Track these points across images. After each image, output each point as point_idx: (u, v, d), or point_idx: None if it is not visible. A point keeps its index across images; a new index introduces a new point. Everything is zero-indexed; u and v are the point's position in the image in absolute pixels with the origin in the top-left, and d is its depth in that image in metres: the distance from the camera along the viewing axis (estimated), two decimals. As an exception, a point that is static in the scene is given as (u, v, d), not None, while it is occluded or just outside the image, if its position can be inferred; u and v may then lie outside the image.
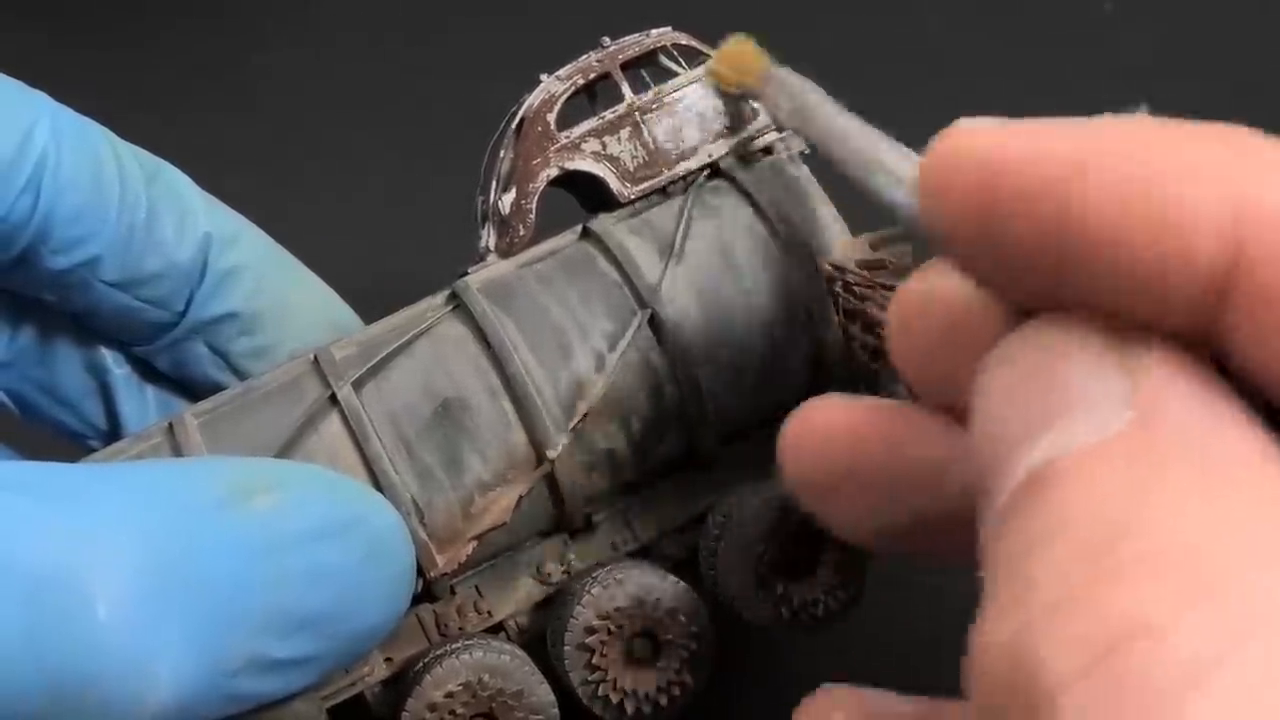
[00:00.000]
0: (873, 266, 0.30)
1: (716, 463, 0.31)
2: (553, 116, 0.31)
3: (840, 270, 0.30)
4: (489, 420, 0.29)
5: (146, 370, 0.35)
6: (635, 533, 0.31)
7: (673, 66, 0.32)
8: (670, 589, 0.29)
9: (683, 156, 0.32)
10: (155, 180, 0.33)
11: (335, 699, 0.29)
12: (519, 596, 0.30)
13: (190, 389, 0.35)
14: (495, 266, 0.31)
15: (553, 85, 0.31)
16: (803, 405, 0.22)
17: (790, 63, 0.33)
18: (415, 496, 0.28)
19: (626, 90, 0.31)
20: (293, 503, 0.26)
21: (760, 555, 0.29)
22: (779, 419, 0.31)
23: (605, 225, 0.31)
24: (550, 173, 0.31)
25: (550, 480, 0.29)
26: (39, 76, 0.32)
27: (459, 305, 0.30)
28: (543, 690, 0.28)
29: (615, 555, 0.30)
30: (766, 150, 0.32)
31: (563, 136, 0.31)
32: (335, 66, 0.58)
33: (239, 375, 0.34)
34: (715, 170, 0.32)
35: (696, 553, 0.31)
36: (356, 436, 0.28)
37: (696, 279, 0.30)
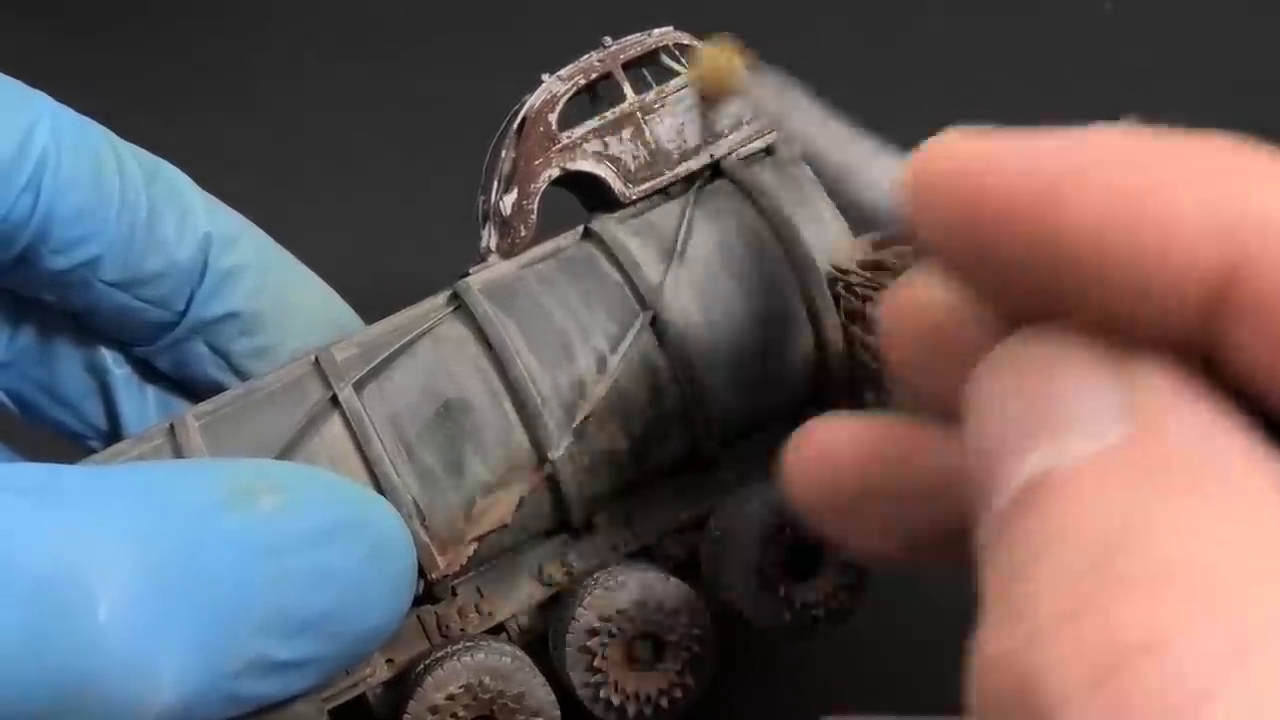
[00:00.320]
0: (875, 267, 0.30)
1: (717, 463, 0.31)
2: (554, 117, 0.31)
3: (842, 271, 0.30)
4: (490, 422, 0.29)
5: (147, 370, 0.35)
6: (636, 533, 0.31)
7: (674, 66, 0.32)
8: (672, 590, 0.29)
9: (684, 157, 0.32)
10: (155, 180, 0.32)
11: (336, 700, 0.29)
12: (520, 597, 0.30)
13: (190, 389, 0.35)
14: (497, 267, 0.31)
15: (554, 85, 0.31)
16: (801, 428, 0.22)
17: (789, 63, 0.33)
18: (416, 498, 0.28)
19: (628, 90, 0.31)
20: (295, 504, 0.26)
21: (762, 557, 0.29)
22: (780, 419, 0.31)
23: (607, 226, 0.31)
24: (552, 173, 0.31)
25: (552, 481, 0.29)
26: (39, 76, 0.31)
27: (460, 306, 0.30)
28: (544, 692, 0.28)
29: (616, 556, 0.30)
30: (769, 150, 0.32)
31: (564, 137, 0.31)
32: (335, 66, 0.58)
33: (239, 375, 0.34)
34: (717, 170, 0.32)
35: (697, 554, 0.31)
36: (358, 438, 0.28)
37: (698, 280, 0.30)
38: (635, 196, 0.31)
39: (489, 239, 0.32)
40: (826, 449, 0.21)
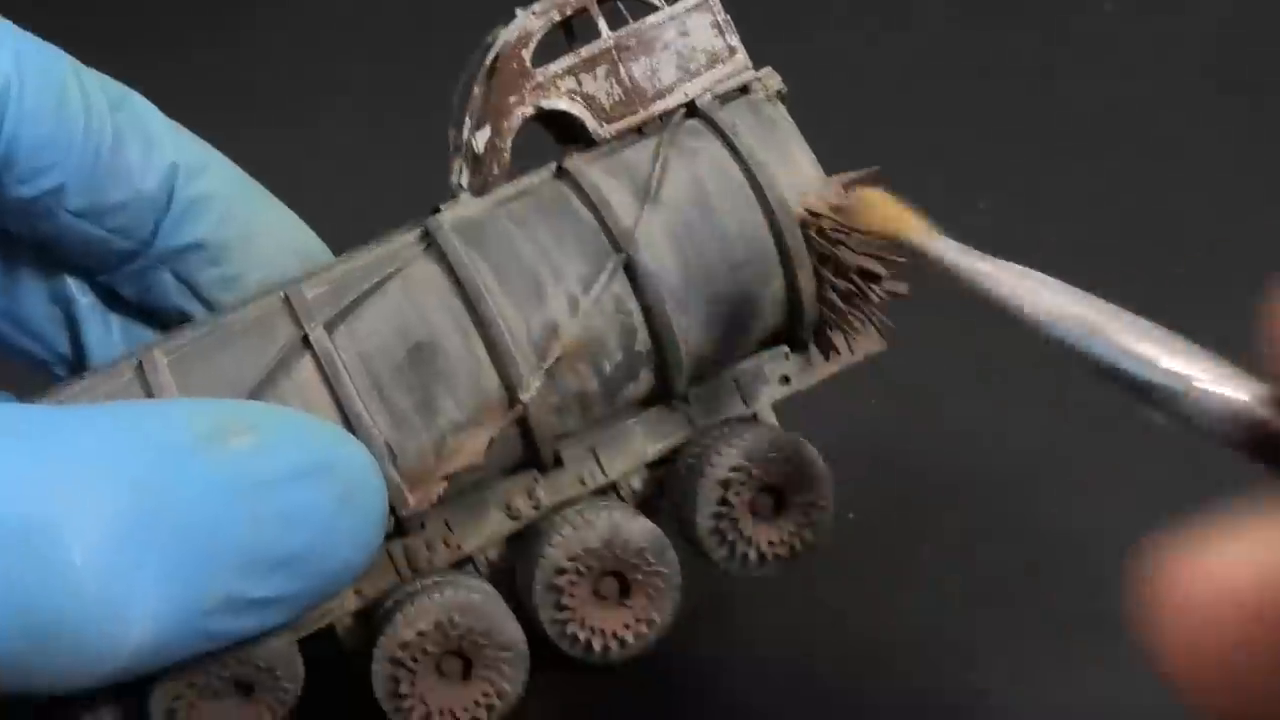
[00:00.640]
0: (846, 211, 0.30)
1: (686, 400, 0.31)
2: (528, 53, 0.31)
3: (814, 215, 0.30)
4: (462, 363, 0.29)
5: (112, 298, 0.35)
6: (604, 468, 0.31)
7: (652, 1, 0.32)
8: (638, 529, 0.29)
9: (659, 95, 0.31)
10: (120, 108, 0.32)
11: (305, 630, 0.29)
12: (488, 531, 0.31)
13: (156, 317, 0.35)
14: (468, 204, 0.31)
15: (529, 21, 0.31)
16: (1176, 552, 0.16)
17: (789, 63, 0.33)
18: (388, 438, 0.28)
19: (604, 26, 0.31)
20: (267, 444, 0.26)
21: (725, 494, 0.29)
22: (749, 356, 0.32)
23: (580, 166, 0.31)
24: (526, 111, 0.31)
25: (522, 421, 0.29)
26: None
27: (431, 244, 0.30)
28: (512, 627, 0.29)
29: (583, 490, 0.31)
30: (744, 89, 0.32)
31: (538, 74, 0.31)
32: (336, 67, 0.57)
33: (206, 304, 0.34)
34: (692, 109, 0.32)
35: (663, 488, 0.31)
36: (330, 379, 0.28)
37: (671, 222, 0.30)
38: (610, 135, 0.31)
39: (460, 174, 0.32)
40: (1222, 587, 0.16)
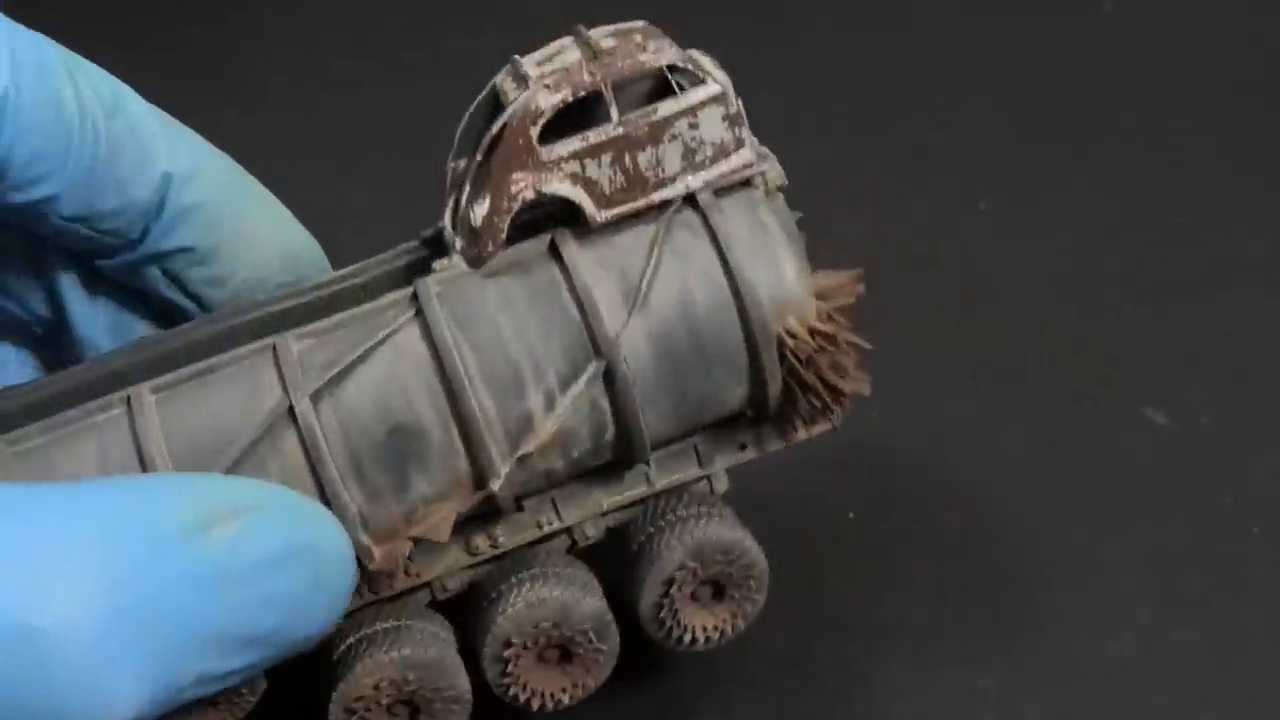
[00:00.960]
0: (824, 335, 0.31)
1: (645, 463, 0.33)
2: (535, 131, 0.30)
3: (793, 335, 0.31)
4: (439, 447, 0.30)
5: (98, 279, 0.35)
6: (560, 515, 0.33)
7: (678, 83, 0.31)
8: (586, 611, 0.31)
9: (660, 184, 0.31)
10: (116, 114, 0.32)
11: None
12: (447, 563, 0.33)
13: (141, 297, 0.35)
14: (460, 273, 0.31)
15: (540, 98, 0.30)
16: None
17: (789, 63, 0.32)
18: (361, 509, 0.30)
19: (614, 113, 0.31)
20: (249, 532, 0.27)
21: (668, 591, 0.32)
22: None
23: (573, 255, 0.31)
24: (526, 195, 0.31)
25: (489, 500, 0.31)
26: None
27: (420, 313, 0.31)
28: (462, 682, 0.31)
29: (539, 533, 0.33)
30: (747, 182, 0.32)
31: (543, 152, 0.31)
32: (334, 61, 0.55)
33: (194, 299, 0.35)
34: (690, 199, 0.32)
35: (612, 535, 0.34)
36: (310, 455, 0.29)
37: (655, 329, 0.31)
38: (606, 220, 0.31)
39: (453, 215, 0.32)
40: None
